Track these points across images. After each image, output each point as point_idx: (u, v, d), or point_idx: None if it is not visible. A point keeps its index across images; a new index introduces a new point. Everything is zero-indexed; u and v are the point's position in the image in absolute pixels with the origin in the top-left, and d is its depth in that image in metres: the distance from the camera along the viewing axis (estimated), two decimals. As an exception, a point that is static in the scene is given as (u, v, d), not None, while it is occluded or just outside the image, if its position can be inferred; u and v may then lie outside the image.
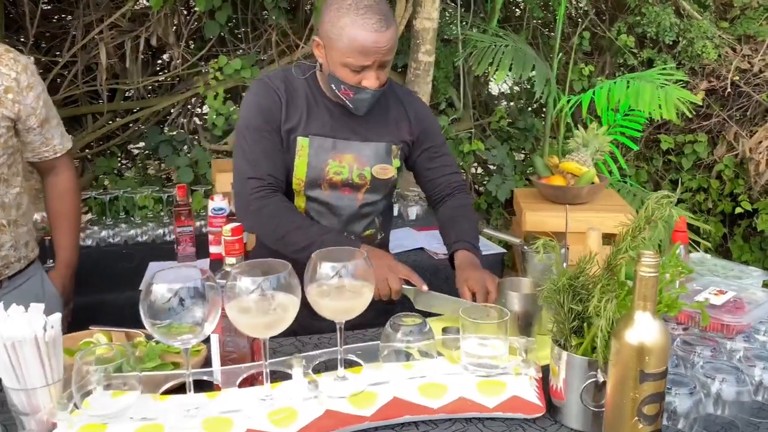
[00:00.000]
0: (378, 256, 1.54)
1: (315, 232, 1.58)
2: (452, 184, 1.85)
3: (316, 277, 1.14)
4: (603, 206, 2.70)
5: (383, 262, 1.53)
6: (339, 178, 1.68)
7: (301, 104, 1.67)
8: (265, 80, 1.68)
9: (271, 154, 1.64)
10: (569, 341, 1.15)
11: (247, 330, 1.10)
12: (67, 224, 1.99)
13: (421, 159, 1.83)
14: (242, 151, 1.65)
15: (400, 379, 1.21)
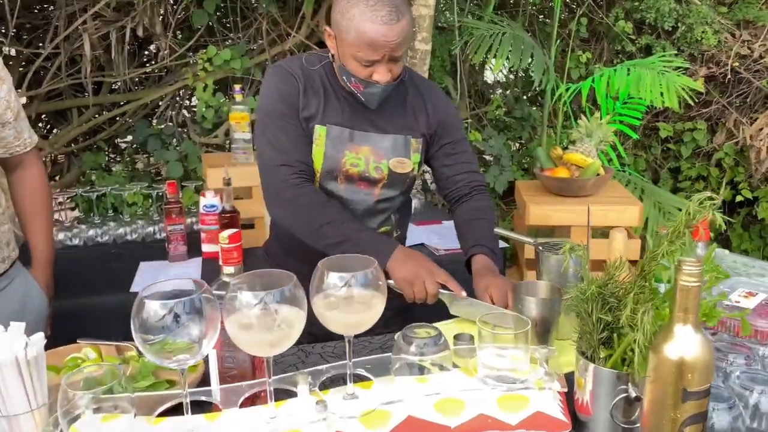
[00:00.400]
0: (416, 257, 1.51)
1: (350, 229, 1.52)
2: (471, 183, 1.75)
3: (323, 287, 1.05)
4: (608, 198, 2.62)
5: (421, 264, 1.49)
6: (356, 171, 1.60)
7: (319, 92, 1.60)
8: (283, 66, 1.61)
9: (299, 140, 1.58)
10: (597, 353, 1.07)
11: (250, 348, 1.00)
12: (41, 220, 1.89)
13: (438, 155, 1.74)
14: (267, 140, 1.58)
15: (414, 396, 1.12)
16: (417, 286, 1.44)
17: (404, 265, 1.47)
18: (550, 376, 1.12)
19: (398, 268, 1.46)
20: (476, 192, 1.75)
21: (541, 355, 1.21)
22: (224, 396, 1.12)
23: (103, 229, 2.89)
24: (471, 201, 1.74)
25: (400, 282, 1.45)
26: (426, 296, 1.46)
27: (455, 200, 1.77)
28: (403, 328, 1.19)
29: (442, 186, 1.77)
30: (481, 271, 1.55)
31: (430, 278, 1.46)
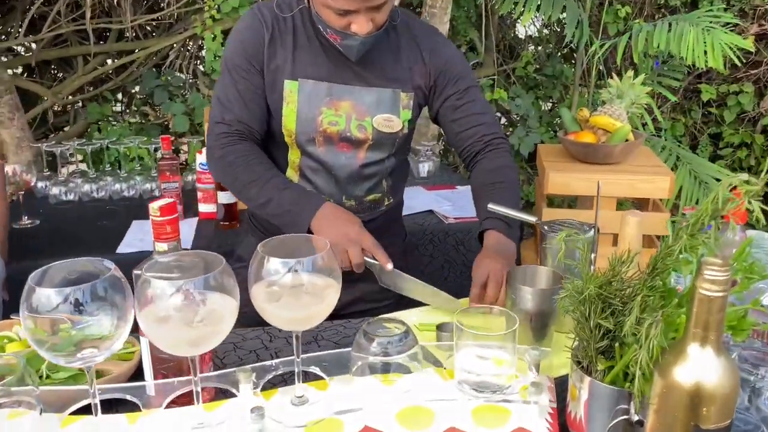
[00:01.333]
0: (344, 219, 1.33)
1: (273, 187, 1.36)
2: (484, 138, 1.51)
3: (262, 274, 0.87)
4: (637, 167, 2.37)
5: (348, 227, 1.31)
6: (335, 130, 1.40)
7: (287, 43, 1.40)
8: (255, 10, 1.42)
9: (247, 97, 1.40)
10: (595, 364, 0.87)
11: (166, 346, 0.83)
12: None
13: (444, 109, 1.51)
14: (217, 93, 1.44)
15: (374, 402, 0.95)
16: (340, 253, 1.27)
17: (328, 228, 1.30)
18: (538, 388, 0.93)
19: (321, 230, 1.30)
20: (492, 147, 1.51)
21: (531, 358, 1.02)
22: (158, 392, 0.97)
23: (99, 185, 2.77)
24: (487, 160, 1.51)
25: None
26: (349, 265, 1.29)
27: (470, 160, 1.54)
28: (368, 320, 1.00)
29: (455, 146, 1.55)
30: (485, 251, 1.35)
31: (354, 246, 1.28)
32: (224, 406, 0.94)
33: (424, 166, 2.96)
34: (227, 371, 0.98)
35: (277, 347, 1.22)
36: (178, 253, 0.90)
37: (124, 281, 0.83)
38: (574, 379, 0.92)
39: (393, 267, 1.28)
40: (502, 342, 0.97)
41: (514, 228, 1.38)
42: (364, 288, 1.56)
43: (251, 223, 1.62)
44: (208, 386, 0.98)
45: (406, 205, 2.57)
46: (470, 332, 0.96)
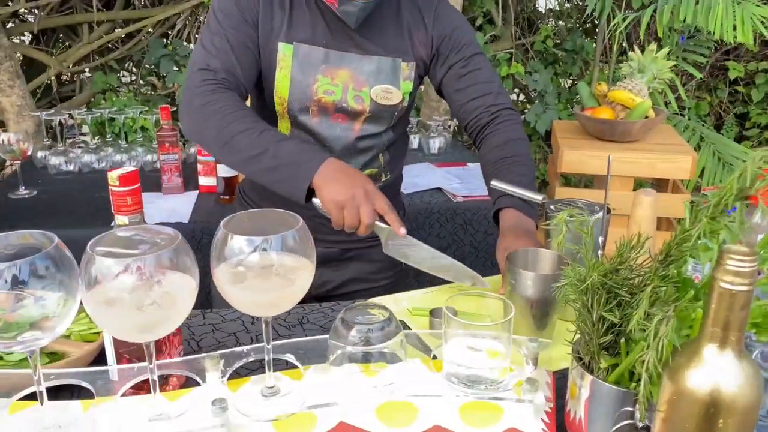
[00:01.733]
0: (351, 175, 1.16)
1: (268, 138, 1.19)
2: (491, 108, 1.39)
3: (224, 255, 0.78)
4: (657, 146, 2.25)
5: (358, 183, 1.15)
6: (330, 100, 1.30)
7: (286, 2, 1.29)
8: None
9: (236, 47, 1.27)
10: (597, 361, 0.78)
11: (115, 332, 0.75)
12: None
13: (448, 79, 1.39)
14: (202, 39, 1.29)
15: (351, 395, 0.86)
16: (349, 211, 1.13)
17: (336, 183, 1.14)
18: (533, 385, 0.84)
19: (328, 185, 1.14)
20: (501, 119, 1.40)
21: (528, 351, 0.93)
22: (120, 378, 0.88)
23: (100, 155, 2.70)
24: (496, 134, 1.39)
25: (329, 204, 1.13)
26: (358, 226, 1.14)
27: (477, 134, 1.43)
28: (348, 305, 0.91)
29: (460, 119, 1.44)
30: (504, 230, 1.24)
31: (366, 204, 1.13)
32: (188, 395, 0.86)
33: (435, 142, 2.85)
34: (192, 357, 0.90)
35: (259, 330, 1.14)
36: (138, 227, 0.81)
37: (71, 257, 0.75)
38: (574, 376, 0.82)
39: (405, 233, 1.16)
40: (496, 332, 0.88)
41: (533, 205, 1.28)
42: (358, 268, 1.47)
43: (242, 198, 1.53)
44: (173, 373, 0.90)
45: (413, 183, 2.49)
46: (460, 321, 0.87)
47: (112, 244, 0.79)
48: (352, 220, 1.13)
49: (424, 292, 1.25)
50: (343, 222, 1.13)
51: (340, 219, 1.14)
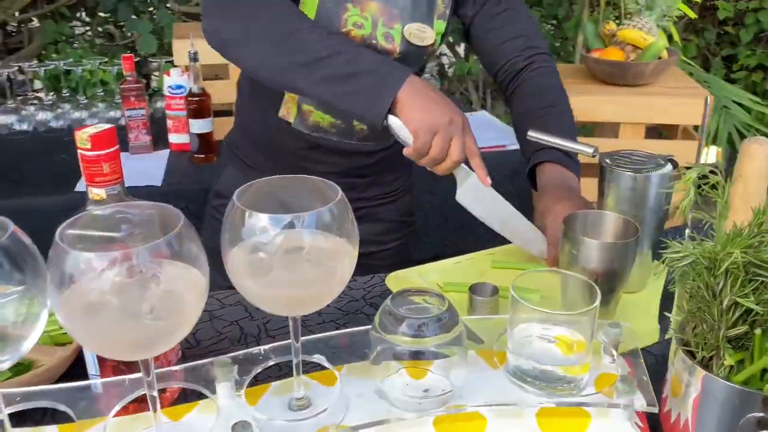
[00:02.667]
0: (444, 98, 0.97)
1: (338, 41, 1.00)
2: (527, 51, 1.20)
3: (242, 235, 0.59)
4: (670, 89, 2.09)
5: (451, 109, 0.95)
6: (359, 34, 1.09)
7: None
8: None
9: None
10: (721, 356, 0.62)
11: (101, 348, 0.56)
12: None
13: (480, 17, 1.20)
14: None
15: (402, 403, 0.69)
16: (442, 138, 0.94)
17: (430, 103, 0.95)
18: (629, 386, 0.68)
19: (418, 103, 0.94)
20: (537, 65, 1.21)
21: (609, 338, 0.76)
22: (106, 392, 0.70)
23: (57, 113, 2.44)
24: (532, 81, 1.20)
25: (419, 124, 0.94)
26: (443, 160, 0.96)
27: (510, 81, 1.23)
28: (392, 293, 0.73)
29: (491, 64, 1.24)
30: (545, 188, 1.08)
31: (460, 137, 0.95)
32: (195, 413, 0.68)
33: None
34: (196, 364, 0.71)
35: (267, 317, 0.96)
36: (121, 204, 0.62)
37: (33, 249, 0.55)
38: (678, 370, 0.67)
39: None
40: (576, 319, 0.71)
41: (574, 158, 1.11)
42: (365, 229, 1.28)
43: (231, 151, 1.32)
44: (172, 386, 0.72)
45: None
46: (533, 307, 0.70)
47: (87, 226, 0.59)
48: (440, 151, 0.94)
49: (455, 262, 1.08)
50: (428, 151, 0.94)
51: (426, 146, 0.94)
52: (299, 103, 1.17)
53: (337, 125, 1.18)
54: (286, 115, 1.18)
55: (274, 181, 0.62)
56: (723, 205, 0.57)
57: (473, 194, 1.01)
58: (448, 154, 0.96)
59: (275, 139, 1.22)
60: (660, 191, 0.94)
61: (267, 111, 1.20)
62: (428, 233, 2.12)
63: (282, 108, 1.19)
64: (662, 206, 0.96)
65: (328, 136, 1.19)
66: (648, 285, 1.02)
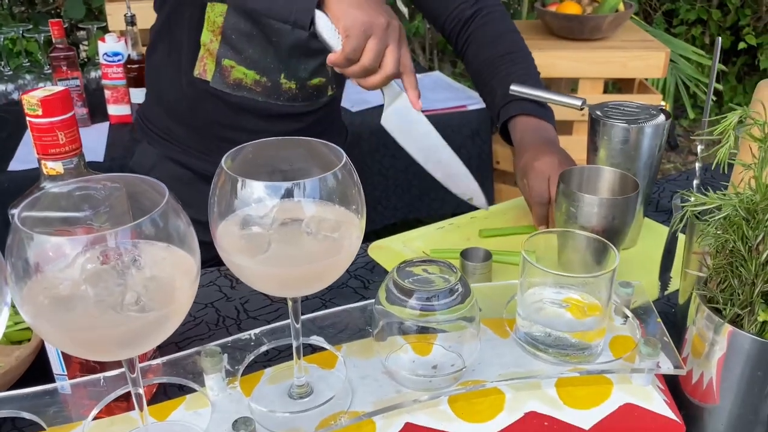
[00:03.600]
0: (376, 0, 0.84)
1: None
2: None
3: (234, 205, 0.51)
4: (627, 43, 2.07)
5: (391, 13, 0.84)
6: None
7: None
8: None
9: None
10: (754, 313, 0.58)
11: (77, 349, 0.48)
12: None
13: None
14: None
15: (411, 382, 0.63)
16: (377, 42, 0.81)
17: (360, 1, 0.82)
18: (653, 349, 0.64)
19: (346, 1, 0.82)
20: (486, 11, 1.14)
21: (621, 298, 0.72)
22: (75, 393, 0.61)
23: (-21, 87, 2.25)
24: (482, 30, 1.13)
25: (348, 21, 0.81)
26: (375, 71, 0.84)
27: (459, 33, 1.16)
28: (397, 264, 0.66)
29: (435, 15, 1.17)
30: (523, 144, 1.01)
31: (396, 46, 0.83)
32: (180, 410, 0.60)
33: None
34: (181, 356, 0.63)
35: (244, 296, 0.88)
36: (85, 179, 0.52)
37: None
38: (700, 328, 0.63)
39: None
40: (591, 280, 0.67)
41: (546, 106, 1.05)
42: None
43: (145, 125, 1.21)
44: (154, 382, 0.64)
45: (361, 98, 2.20)
46: (546, 270, 0.65)
47: (47, 207, 0.50)
48: (374, 58, 0.82)
49: (438, 227, 1.02)
50: (359, 56, 0.82)
51: (357, 50, 0.82)
52: (218, 58, 1.06)
53: (262, 83, 1.08)
54: (203, 73, 1.08)
55: (267, 144, 0.54)
56: (766, 150, 0.53)
57: (401, 118, 0.90)
58: (382, 64, 0.83)
59: (193, 105, 1.11)
60: (653, 143, 0.90)
61: (181, 72, 1.09)
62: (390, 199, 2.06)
63: (198, 65, 1.07)
64: (654, 159, 0.92)
65: (252, 96, 1.09)
66: (639, 242, 0.99)
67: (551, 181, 0.93)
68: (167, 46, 1.12)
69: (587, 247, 0.73)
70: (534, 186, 0.96)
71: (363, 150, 2.03)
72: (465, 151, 2.06)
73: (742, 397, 0.62)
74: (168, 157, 1.16)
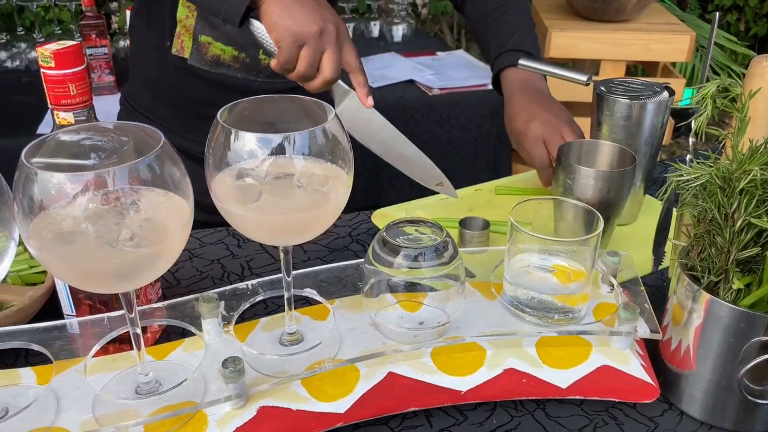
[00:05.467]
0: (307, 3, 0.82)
1: None
2: None
3: (227, 160, 0.54)
4: (651, 25, 2.05)
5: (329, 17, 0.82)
6: None
7: None
8: None
9: None
10: (729, 279, 0.60)
11: (78, 280, 0.52)
12: None
13: None
14: None
15: (397, 335, 0.67)
16: (310, 52, 0.80)
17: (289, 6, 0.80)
18: (632, 313, 0.66)
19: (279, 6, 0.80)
20: None
21: (607, 266, 0.74)
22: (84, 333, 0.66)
23: (12, 52, 2.31)
24: None
25: (282, 33, 0.80)
26: (313, 76, 0.83)
27: None
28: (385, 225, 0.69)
29: None
30: (510, 96, 1.02)
31: (334, 50, 0.82)
32: (177, 351, 0.64)
33: (398, 30, 2.56)
34: (180, 301, 0.67)
35: (249, 255, 0.92)
36: (91, 125, 0.56)
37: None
38: (680, 297, 0.65)
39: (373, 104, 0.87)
40: (577, 247, 0.69)
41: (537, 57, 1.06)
42: None
43: (129, 105, 1.21)
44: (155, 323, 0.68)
45: (382, 75, 2.22)
46: (534, 235, 0.67)
47: (54, 153, 0.54)
48: (310, 66, 0.81)
49: (441, 198, 1.04)
50: (295, 66, 0.82)
51: (292, 60, 0.81)
52: (195, 34, 1.06)
53: (241, 59, 1.07)
54: (180, 50, 1.07)
55: (260, 101, 0.57)
56: (742, 119, 0.54)
57: (352, 116, 0.88)
58: (320, 70, 0.82)
59: (173, 83, 1.11)
60: (655, 120, 0.91)
61: (161, 50, 1.09)
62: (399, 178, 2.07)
63: (175, 42, 1.07)
64: (656, 137, 0.93)
65: (231, 73, 1.08)
66: (639, 218, 1.00)
67: (547, 142, 0.95)
68: (146, 23, 1.12)
69: (577, 216, 0.75)
70: (533, 152, 0.97)
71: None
72: (483, 130, 2.07)
73: (716, 363, 0.64)
74: None
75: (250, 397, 0.59)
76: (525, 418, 0.66)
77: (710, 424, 0.66)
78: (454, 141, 2.23)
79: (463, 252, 0.83)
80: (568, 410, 0.67)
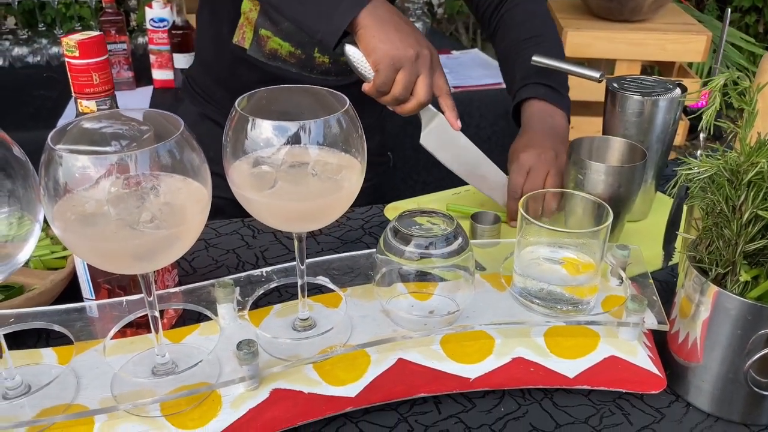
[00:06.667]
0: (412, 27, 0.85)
1: None
2: None
3: (244, 147, 0.56)
4: (667, 25, 2.05)
5: (423, 42, 0.85)
6: None
7: None
8: None
9: None
10: (736, 272, 0.61)
11: (100, 261, 0.53)
12: None
13: None
14: None
15: (407, 323, 0.68)
16: (407, 75, 0.83)
17: (395, 31, 0.83)
18: (639, 305, 0.67)
19: (382, 30, 0.82)
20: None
21: (616, 260, 0.75)
22: (102, 316, 0.68)
23: (34, 48, 2.36)
24: (514, 10, 1.13)
25: (380, 56, 0.83)
26: (407, 99, 0.86)
27: (492, 14, 1.16)
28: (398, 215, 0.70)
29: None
30: (525, 128, 1.01)
31: (428, 74, 0.85)
32: (194, 335, 0.66)
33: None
34: (196, 286, 0.69)
35: (264, 245, 0.94)
36: (112, 112, 0.58)
37: (24, 158, 0.52)
38: (688, 290, 0.66)
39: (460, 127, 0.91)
40: (586, 240, 0.70)
41: (563, 95, 1.05)
42: None
43: (189, 85, 1.27)
44: (171, 308, 0.70)
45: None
46: (544, 227, 0.68)
47: (77, 139, 0.56)
48: (405, 89, 0.84)
49: (454, 193, 1.06)
50: (390, 88, 0.84)
51: (387, 83, 0.84)
52: (256, 27, 1.10)
53: (296, 55, 1.11)
54: (241, 41, 1.12)
55: (277, 92, 0.59)
56: (750, 112, 0.55)
57: (439, 138, 0.92)
58: (414, 93, 0.85)
59: (231, 70, 1.16)
60: (667, 117, 0.91)
61: (223, 38, 1.14)
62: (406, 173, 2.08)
63: (237, 32, 1.12)
64: (668, 134, 0.94)
65: (287, 67, 1.12)
66: (650, 215, 1.01)
67: (530, 175, 0.93)
68: (210, 11, 1.17)
69: (587, 210, 0.76)
70: (512, 178, 0.95)
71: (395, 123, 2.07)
72: (497, 128, 2.08)
73: (723, 356, 0.64)
74: (207, 116, 1.22)
75: (263, 379, 0.61)
76: (532, 406, 0.67)
77: (717, 416, 0.67)
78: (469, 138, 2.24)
79: (474, 244, 0.85)
80: (575, 400, 0.68)
